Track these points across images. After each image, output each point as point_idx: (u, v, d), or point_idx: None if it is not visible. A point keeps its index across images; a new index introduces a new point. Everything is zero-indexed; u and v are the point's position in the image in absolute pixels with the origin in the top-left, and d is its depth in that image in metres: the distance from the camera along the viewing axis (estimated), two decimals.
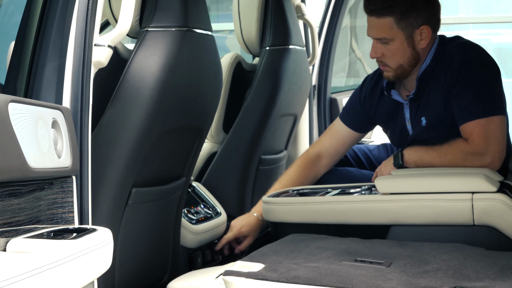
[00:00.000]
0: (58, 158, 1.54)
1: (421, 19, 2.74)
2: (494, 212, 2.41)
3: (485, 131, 2.65)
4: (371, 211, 2.54)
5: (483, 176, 2.45)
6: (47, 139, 1.48)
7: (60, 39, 1.72)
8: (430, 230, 2.50)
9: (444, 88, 2.72)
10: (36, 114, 1.46)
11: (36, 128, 1.44)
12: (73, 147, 1.63)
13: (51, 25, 1.71)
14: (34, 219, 1.50)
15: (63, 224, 1.61)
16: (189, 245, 2.83)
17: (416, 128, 2.84)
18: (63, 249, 1.35)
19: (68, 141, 1.60)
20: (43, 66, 1.69)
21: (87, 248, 1.43)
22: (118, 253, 2.25)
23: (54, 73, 1.70)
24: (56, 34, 1.72)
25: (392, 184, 2.56)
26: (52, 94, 1.70)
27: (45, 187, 1.55)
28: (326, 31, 4.01)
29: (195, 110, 2.38)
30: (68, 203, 1.62)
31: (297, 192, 2.82)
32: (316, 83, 4.05)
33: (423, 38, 2.76)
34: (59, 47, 1.72)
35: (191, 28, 2.27)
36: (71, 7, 1.75)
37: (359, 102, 3.01)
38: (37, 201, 1.51)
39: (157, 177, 2.36)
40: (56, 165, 1.52)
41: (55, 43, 1.71)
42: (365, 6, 2.77)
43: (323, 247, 2.30)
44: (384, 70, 2.81)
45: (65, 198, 1.62)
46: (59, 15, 1.72)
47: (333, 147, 3.03)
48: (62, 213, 1.60)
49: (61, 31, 1.72)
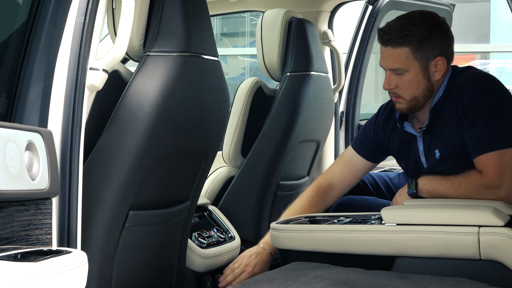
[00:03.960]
0: (31, 180, 1.56)
1: (436, 50, 2.70)
2: (501, 247, 2.34)
3: (499, 164, 2.59)
4: (376, 241, 2.50)
5: (491, 209, 2.39)
6: (17, 161, 1.50)
7: (45, 62, 1.75)
8: (436, 263, 2.45)
9: (456, 119, 2.68)
10: (5, 136, 1.48)
11: (5, 150, 1.46)
12: (52, 170, 1.65)
13: (35, 50, 1.74)
14: (4, 240, 1.52)
15: (39, 245, 1.63)
16: (197, 269, 2.83)
17: (430, 161, 2.79)
18: (18, 271, 1.36)
19: (46, 164, 1.62)
20: (27, 89, 1.72)
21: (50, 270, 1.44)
22: (115, 275, 2.27)
23: (38, 96, 1.73)
24: (40, 58, 1.75)
25: (398, 215, 2.51)
26: (35, 116, 1.72)
27: (20, 208, 1.57)
28: (355, 57, 4.00)
29: (198, 134, 2.39)
30: (46, 225, 1.64)
31: (309, 219, 2.80)
32: (344, 109, 4.03)
33: (438, 70, 2.72)
34: (43, 71, 1.75)
35: (194, 54, 2.28)
36: (58, 32, 1.78)
37: (373, 131, 2.97)
38: (9, 222, 1.53)
39: (158, 200, 2.37)
40: (28, 187, 1.54)
41: (40, 67, 1.74)
42: (380, 36, 2.74)
43: (320, 277, 2.27)
44: (397, 101, 2.77)
45: (43, 220, 1.64)
46: (44, 40, 1.76)
47: (345, 177, 2.99)
48: (39, 234, 1.62)
49: (46, 54, 1.75)
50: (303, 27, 3.34)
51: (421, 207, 2.55)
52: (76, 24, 1.91)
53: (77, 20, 1.91)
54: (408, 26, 2.69)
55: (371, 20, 3.94)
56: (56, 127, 1.85)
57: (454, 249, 2.41)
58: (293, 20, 3.35)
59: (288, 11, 3.36)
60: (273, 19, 3.34)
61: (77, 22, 1.91)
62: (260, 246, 2.84)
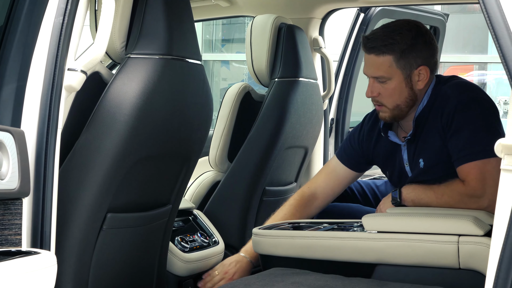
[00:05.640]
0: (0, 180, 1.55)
1: (420, 59, 2.70)
2: (480, 256, 2.33)
3: (481, 174, 2.59)
4: (357, 249, 2.49)
5: (471, 218, 2.39)
6: None
7: (19, 61, 1.75)
8: (415, 271, 2.44)
9: (440, 129, 2.67)
10: None
11: None
12: (23, 170, 1.65)
13: (9, 48, 1.74)
14: None
15: (8, 246, 1.62)
16: (178, 273, 2.82)
17: (415, 170, 2.78)
18: None
19: (16, 164, 1.62)
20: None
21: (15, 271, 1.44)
22: (92, 277, 2.26)
23: (11, 95, 1.73)
24: (14, 57, 1.75)
25: (379, 222, 2.51)
26: (8, 116, 1.72)
27: None
28: (346, 64, 3.99)
29: (179, 138, 2.38)
30: (15, 225, 1.64)
31: (292, 226, 2.80)
32: (335, 116, 4.02)
33: (421, 79, 2.72)
34: (17, 70, 1.74)
35: (176, 57, 2.27)
36: (33, 31, 1.78)
37: (358, 141, 2.97)
38: None
39: (137, 203, 2.36)
40: None
41: (13, 66, 1.74)
42: (364, 44, 2.74)
43: (298, 283, 2.26)
44: (380, 110, 2.77)
45: (12, 220, 1.63)
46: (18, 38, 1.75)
47: (329, 187, 2.98)
48: (8, 234, 1.62)
49: (20, 53, 1.75)
50: (292, 33, 3.33)
51: (402, 215, 2.55)
52: (55, 25, 1.91)
53: (55, 20, 1.91)
54: (392, 34, 2.69)
55: (362, 27, 3.93)
56: (31, 127, 1.84)
57: (433, 257, 2.40)
58: (283, 26, 3.34)
59: (278, 17, 3.35)
60: (263, 25, 3.34)
61: (55, 22, 1.91)
62: (241, 255, 2.83)
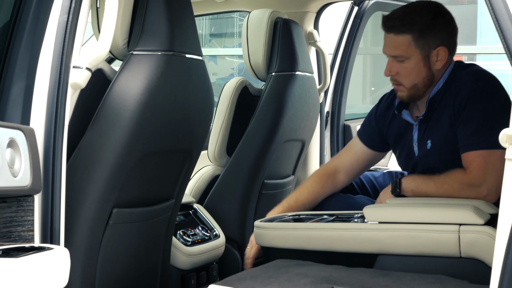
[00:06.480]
0: (13, 177, 1.57)
1: (438, 39, 2.72)
2: (481, 245, 2.37)
3: (485, 163, 2.61)
4: (359, 239, 2.52)
5: (472, 208, 2.42)
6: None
7: (28, 60, 1.77)
8: (417, 260, 2.47)
9: (451, 113, 2.70)
10: None
11: None
12: (34, 167, 1.67)
13: (18, 47, 1.76)
14: None
15: (21, 242, 1.64)
16: (181, 266, 2.85)
17: (422, 150, 2.82)
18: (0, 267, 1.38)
19: (28, 161, 1.64)
20: (9, 87, 1.74)
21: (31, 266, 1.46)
22: (99, 272, 2.28)
23: (20, 93, 1.75)
24: (23, 55, 1.76)
25: (380, 213, 2.54)
26: (18, 114, 1.74)
27: (2, 205, 1.58)
28: (341, 58, 4.02)
29: (182, 133, 2.40)
30: (28, 222, 1.66)
31: (293, 218, 2.82)
32: (330, 109, 4.05)
33: (439, 59, 2.74)
34: (26, 68, 1.76)
35: (177, 53, 2.30)
36: (41, 30, 1.79)
37: (375, 119, 3.00)
38: None
39: (142, 198, 2.38)
40: (10, 184, 1.56)
41: (22, 64, 1.76)
42: (384, 23, 2.76)
43: (303, 274, 2.29)
44: (398, 89, 2.79)
45: (25, 217, 1.65)
46: (26, 37, 1.77)
47: (349, 163, 3.01)
48: (21, 231, 1.64)
49: (29, 52, 1.77)
50: (288, 27, 3.36)
51: (403, 206, 2.58)
52: (60, 23, 1.93)
53: (60, 18, 1.92)
54: (411, 14, 2.71)
55: (356, 21, 3.97)
56: (39, 124, 1.86)
57: (435, 247, 2.43)
58: (279, 20, 3.37)
59: (273, 11, 3.38)
60: (259, 19, 3.36)
61: (60, 20, 1.92)
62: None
